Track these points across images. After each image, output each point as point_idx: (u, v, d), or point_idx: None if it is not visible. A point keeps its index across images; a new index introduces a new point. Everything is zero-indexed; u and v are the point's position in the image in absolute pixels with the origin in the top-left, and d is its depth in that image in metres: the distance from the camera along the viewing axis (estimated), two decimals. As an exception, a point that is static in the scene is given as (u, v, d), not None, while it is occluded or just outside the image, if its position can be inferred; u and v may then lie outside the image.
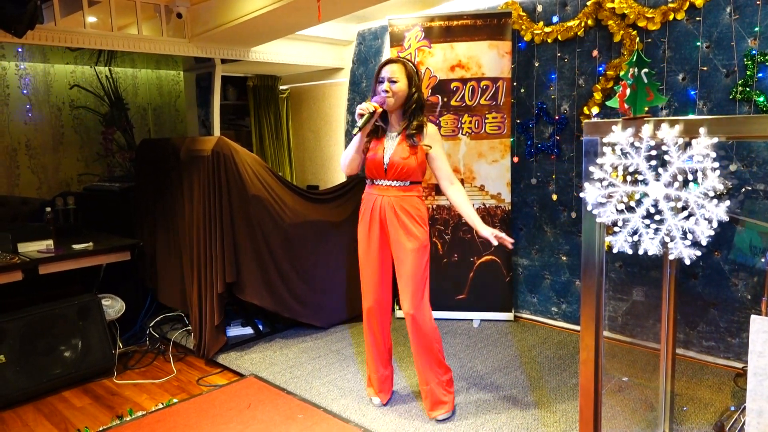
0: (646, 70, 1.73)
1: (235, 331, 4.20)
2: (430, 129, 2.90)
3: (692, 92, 3.42)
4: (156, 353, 4.03)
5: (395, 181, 2.87)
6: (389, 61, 2.88)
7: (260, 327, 4.23)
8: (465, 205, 2.89)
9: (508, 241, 2.74)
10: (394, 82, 2.82)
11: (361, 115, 2.75)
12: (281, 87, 6.29)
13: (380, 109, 2.80)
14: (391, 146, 2.88)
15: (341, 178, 5.58)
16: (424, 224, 2.91)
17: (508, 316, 4.38)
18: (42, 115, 5.09)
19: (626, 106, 1.74)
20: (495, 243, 2.75)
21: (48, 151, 5.15)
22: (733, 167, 3.29)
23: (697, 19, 3.36)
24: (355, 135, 2.80)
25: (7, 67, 4.87)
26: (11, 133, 4.92)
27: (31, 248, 3.73)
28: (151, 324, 4.32)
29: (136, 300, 4.43)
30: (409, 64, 2.90)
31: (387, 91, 2.81)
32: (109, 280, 4.09)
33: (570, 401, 3.09)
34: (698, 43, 3.37)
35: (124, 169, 5.40)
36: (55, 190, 5.10)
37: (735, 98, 3.26)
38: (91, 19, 3.91)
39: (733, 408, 2.91)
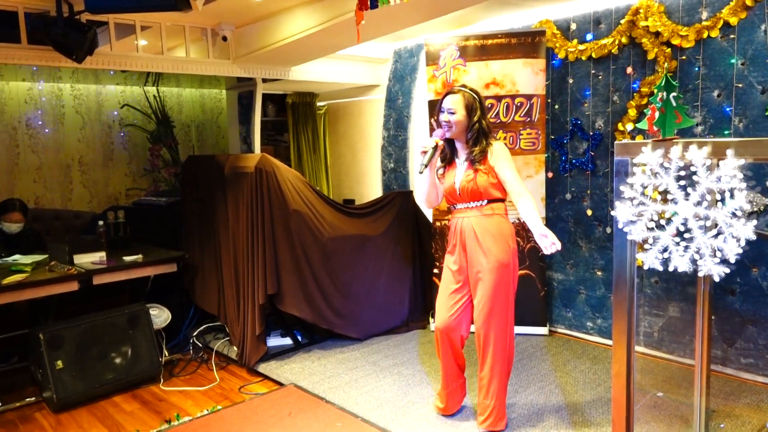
0: (674, 93, 1.80)
1: (274, 341, 4.33)
2: (495, 147, 2.91)
3: (728, 109, 3.44)
4: (199, 362, 4.19)
5: (471, 203, 2.93)
6: (449, 92, 2.95)
7: (299, 338, 4.35)
8: (528, 214, 2.82)
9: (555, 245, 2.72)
10: (453, 113, 2.89)
11: (425, 152, 2.86)
12: (319, 103, 6.46)
13: (441, 143, 2.92)
14: (461, 171, 2.96)
15: (377, 193, 5.70)
16: (506, 242, 2.90)
17: (542, 330, 4.41)
18: (94, 133, 5.36)
19: (655, 128, 1.81)
20: (543, 246, 2.72)
21: (98, 166, 5.41)
22: (769, 183, 3.28)
23: (732, 36, 3.38)
24: (421, 173, 2.88)
25: (63, 88, 5.16)
26: (66, 150, 5.20)
27: (85, 260, 3.93)
28: (195, 333, 4.49)
29: (180, 310, 4.61)
30: (468, 93, 2.91)
31: (447, 122, 2.91)
32: (156, 291, 4.28)
33: (605, 416, 3.10)
34: (733, 60, 3.39)
35: (169, 183, 5.63)
36: (104, 204, 5.35)
37: (771, 115, 3.27)
38: (141, 42, 4.14)
39: (771, 425, 2.89)
